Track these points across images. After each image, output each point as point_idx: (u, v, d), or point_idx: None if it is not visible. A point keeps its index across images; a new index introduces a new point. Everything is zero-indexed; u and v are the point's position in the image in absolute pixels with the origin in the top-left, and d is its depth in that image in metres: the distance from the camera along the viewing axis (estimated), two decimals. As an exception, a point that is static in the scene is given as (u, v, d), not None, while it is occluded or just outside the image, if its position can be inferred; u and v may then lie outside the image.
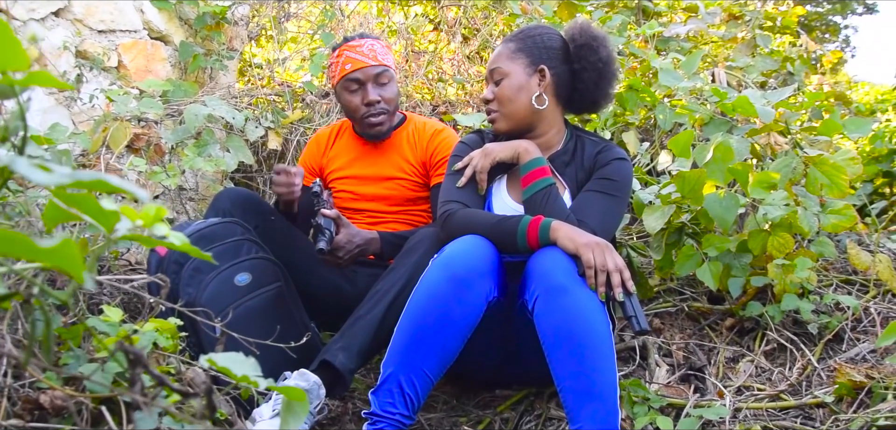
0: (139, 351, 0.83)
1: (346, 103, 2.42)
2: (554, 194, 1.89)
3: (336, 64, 2.42)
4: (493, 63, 2.10)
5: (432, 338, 1.72)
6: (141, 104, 2.95)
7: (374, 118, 2.40)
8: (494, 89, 2.07)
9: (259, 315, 2.01)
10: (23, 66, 0.63)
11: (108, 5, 3.38)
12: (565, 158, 2.06)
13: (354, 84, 2.39)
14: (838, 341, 2.26)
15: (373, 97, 2.38)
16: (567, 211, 1.88)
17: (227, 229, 2.10)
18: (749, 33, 4.47)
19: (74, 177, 0.62)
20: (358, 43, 2.43)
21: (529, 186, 1.92)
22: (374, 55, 2.41)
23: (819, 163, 2.39)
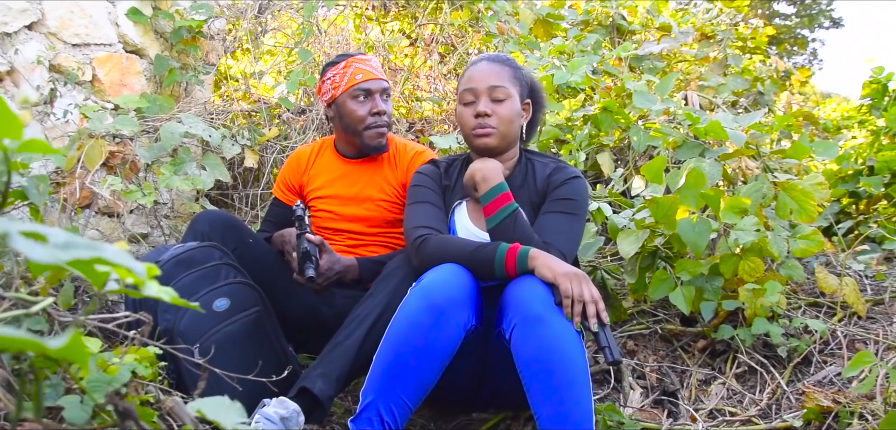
0: (129, 407, 0.84)
1: (351, 113, 2.42)
2: (520, 220, 1.93)
3: (343, 74, 2.43)
4: (495, 80, 2.07)
5: (411, 367, 1.74)
6: (116, 122, 2.93)
7: (379, 129, 2.42)
8: (494, 106, 2.06)
9: (238, 341, 2.01)
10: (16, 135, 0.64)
11: (83, 19, 3.35)
12: (518, 181, 2.10)
13: (363, 94, 2.41)
14: (807, 364, 2.31)
15: (381, 107, 2.42)
16: (533, 236, 1.91)
17: (206, 254, 2.10)
18: (721, 53, 4.54)
19: (71, 254, 0.63)
20: (365, 57, 2.49)
21: (494, 215, 1.95)
22: (380, 70, 2.48)
23: (788, 188, 2.45)
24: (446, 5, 4.24)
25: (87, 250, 0.65)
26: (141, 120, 3.27)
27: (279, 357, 2.13)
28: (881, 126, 4.17)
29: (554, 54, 3.75)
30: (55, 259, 0.61)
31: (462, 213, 2.11)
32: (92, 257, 0.63)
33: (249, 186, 3.57)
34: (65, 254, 0.62)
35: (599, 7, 4.85)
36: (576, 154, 3.02)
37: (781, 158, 2.85)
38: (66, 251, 0.64)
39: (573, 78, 3.31)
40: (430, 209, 2.07)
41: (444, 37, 4.18)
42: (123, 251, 0.68)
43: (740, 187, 2.58)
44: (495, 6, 4.19)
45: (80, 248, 0.66)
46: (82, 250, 0.65)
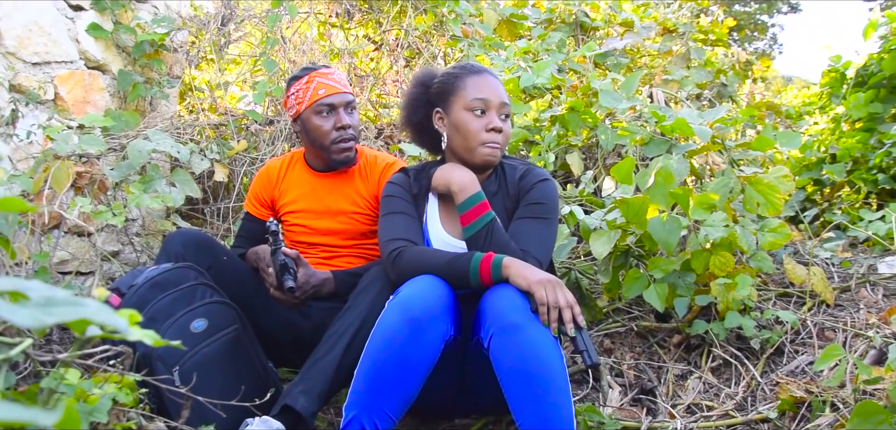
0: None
1: (316, 128, 2.41)
2: (497, 230, 1.94)
3: (306, 90, 2.41)
4: (505, 98, 2.09)
5: (392, 380, 1.75)
6: (82, 141, 2.89)
7: (345, 144, 2.41)
8: (502, 123, 2.07)
9: (217, 361, 2.01)
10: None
11: (42, 36, 3.30)
12: (492, 188, 2.11)
13: (327, 108, 2.39)
14: (779, 355, 2.36)
15: (345, 121, 2.40)
16: (509, 244, 1.93)
17: (181, 275, 2.08)
18: (683, 46, 4.60)
19: (54, 315, 0.63)
20: (328, 71, 2.45)
21: (470, 225, 1.96)
22: (344, 83, 2.45)
23: (754, 182, 2.50)
24: (410, 10, 4.24)
25: (68, 308, 0.65)
26: (107, 137, 3.23)
27: (259, 374, 2.13)
28: (841, 113, 4.26)
29: (519, 56, 3.77)
30: (39, 323, 0.60)
31: (434, 219, 2.12)
32: (75, 318, 0.63)
33: (220, 200, 3.54)
34: (48, 316, 0.62)
35: (562, 5, 4.88)
36: (545, 156, 3.05)
37: (746, 149, 2.90)
38: (49, 312, 0.64)
39: (539, 80, 3.33)
40: (404, 219, 2.07)
41: (408, 41, 4.18)
42: (104, 307, 0.68)
43: (708, 183, 2.62)
44: (459, 8, 4.19)
45: (62, 305, 0.66)
46: (64, 308, 0.65)
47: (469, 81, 2.09)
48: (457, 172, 2.02)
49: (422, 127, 2.21)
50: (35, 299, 0.67)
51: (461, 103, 2.08)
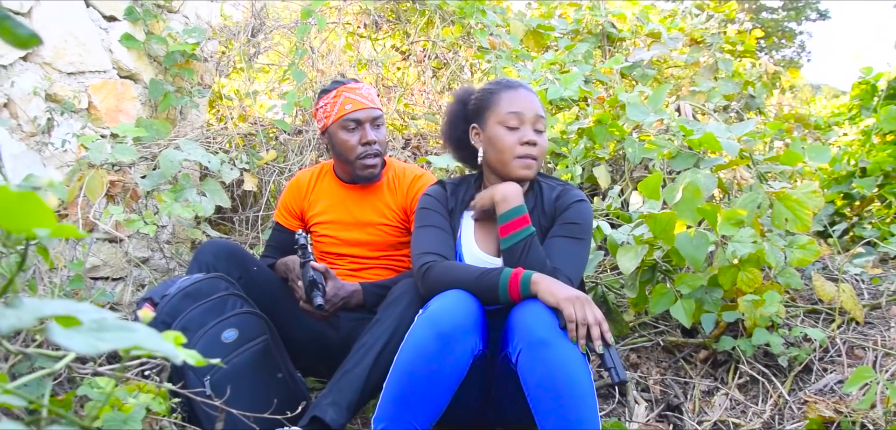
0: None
1: (342, 143, 2.45)
2: (534, 245, 1.95)
3: (333, 104, 2.44)
4: (540, 111, 2.11)
5: (421, 394, 1.77)
6: (115, 151, 2.95)
7: (370, 160, 2.44)
8: (536, 136, 2.09)
9: (247, 370, 2.04)
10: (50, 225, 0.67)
11: (77, 47, 3.37)
12: (530, 205, 2.13)
13: (353, 124, 2.42)
14: (808, 372, 2.35)
15: (371, 137, 2.42)
16: (545, 261, 1.94)
17: (212, 285, 2.12)
18: (711, 57, 4.58)
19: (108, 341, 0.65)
20: (356, 86, 2.47)
21: (509, 236, 1.97)
22: (372, 98, 2.48)
23: (783, 198, 2.48)
24: (437, 21, 4.26)
25: (120, 333, 0.68)
26: (139, 146, 3.29)
27: (288, 384, 2.16)
28: (871, 126, 4.22)
29: (546, 68, 3.78)
30: (94, 349, 0.63)
31: (468, 235, 2.14)
32: (128, 345, 0.66)
33: (249, 209, 3.59)
34: (102, 343, 0.65)
35: (589, 16, 4.88)
36: (572, 168, 3.05)
37: (775, 163, 2.89)
38: (102, 338, 0.66)
39: (567, 92, 3.34)
40: (436, 233, 2.10)
41: (436, 52, 4.21)
42: (153, 333, 0.71)
43: (736, 199, 2.61)
44: (486, 20, 4.21)
45: (114, 331, 0.69)
46: (116, 334, 0.68)
47: (503, 96, 2.11)
48: (502, 185, 2.04)
49: (460, 143, 2.24)
50: (87, 324, 0.69)
51: (495, 118, 2.10)
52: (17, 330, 0.64)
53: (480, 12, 4.18)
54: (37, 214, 0.65)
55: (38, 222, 0.66)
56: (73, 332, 0.65)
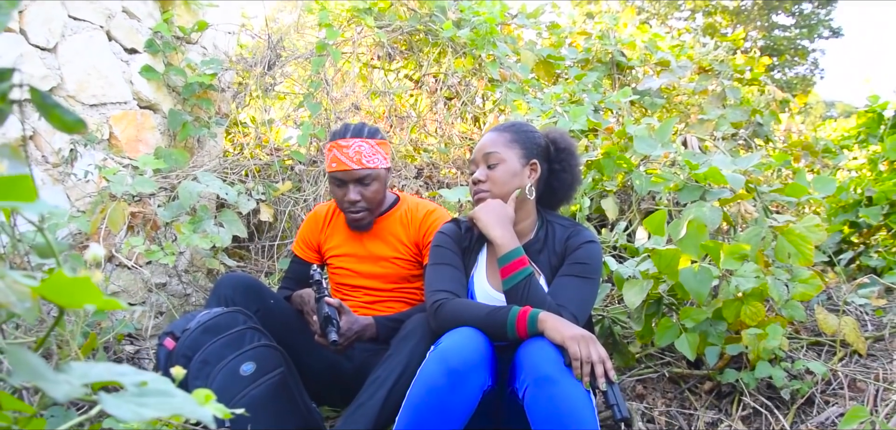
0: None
1: (333, 194, 2.57)
2: (533, 284, 2.03)
3: (327, 156, 2.54)
4: (488, 148, 2.23)
5: (432, 427, 1.84)
6: (136, 183, 3.04)
7: (354, 214, 2.53)
8: (488, 172, 2.21)
9: (264, 403, 2.11)
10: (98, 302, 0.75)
11: (99, 80, 3.47)
12: (538, 246, 2.21)
13: (336, 183, 2.52)
14: (810, 405, 2.40)
15: (353, 197, 2.49)
16: (546, 298, 2.01)
17: (231, 319, 2.20)
18: (718, 86, 4.65)
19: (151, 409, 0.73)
20: (346, 143, 2.48)
21: (509, 278, 2.05)
22: (358, 159, 2.47)
23: (786, 232, 2.54)
24: (449, 53, 4.35)
25: (161, 399, 0.76)
26: (157, 176, 3.39)
27: (304, 416, 2.23)
28: (878, 154, 4.27)
29: (555, 100, 3.86)
30: (138, 417, 0.71)
31: (481, 272, 2.23)
32: (168, 412, 0.74)
33: (265, 237, 3.67)
34: (145, 409, 0.73)
35: (599, 45, 4.96)
36: (580, 200, 3.12)
37: (780, 195, 2.94)
38: (144, 404, 0.74)
39: (576, 125, 3.41)
40: (449, 271, 2.18)
41: (447, 84, 4.29)
42: (190, 399, 0.78)
43: (740, 235, 2.67)
44: (497, 52, 4.30)
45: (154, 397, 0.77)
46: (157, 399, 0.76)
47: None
48: (497, 230, 2.11)
49: None
50: (130, 390, 0.77)
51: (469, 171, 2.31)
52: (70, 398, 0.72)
53: (491, 45, 4.26)
54: (87, 293, 0.73)
55: (87, 299, 0.74)
56: (120, 401, 0.73)
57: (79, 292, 0.73)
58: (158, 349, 2.15)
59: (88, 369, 0.79)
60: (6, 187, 0.72)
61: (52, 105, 0.89)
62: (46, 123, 0.88)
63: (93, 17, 3.46)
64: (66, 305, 0.74)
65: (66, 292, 0.73)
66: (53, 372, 0.74)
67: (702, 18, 18.96)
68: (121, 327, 2.74)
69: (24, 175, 0.73)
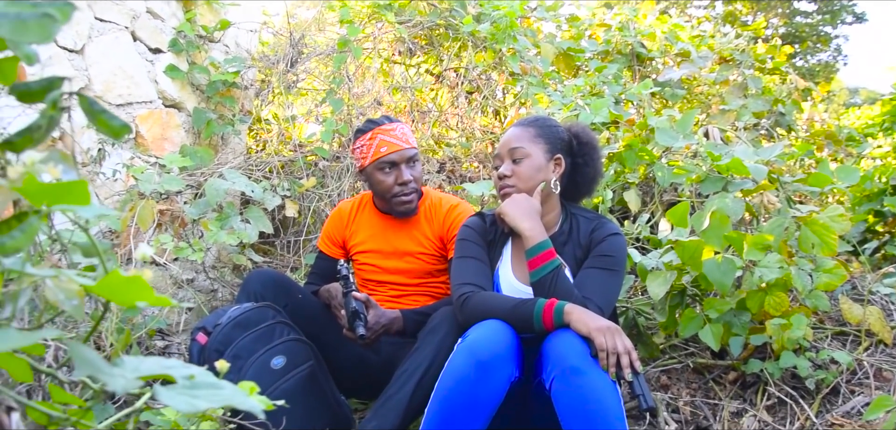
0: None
1: (379, 183, 2.57)
2: (561, 276, 2.05)
3: (369, 146, 2.56)
4: (513, 142, 2.25)
5: (460, 419, 1.87)
6: (163, 181, 3.09)
7: (406, 197, 2.55)
8: (513, 166, 2.23)
9: (294, 396, 2.15)
10: (150, 300, 0.78)
11: (126, 80, 3.53)
12: (563, 239, 2.23)
13: (389, 166, 2.54)
14: (835, 394, 2.40)
15: (406, 177, 2.54)
16: (573, 291, 2.03)
17: (261, 314, 2.24)
18: (740, 75, 4.63)
19: (203, 401, 0.76)
20: (390, 127, 2.57)
21: (537, 270, 2.07)
22: (405, 138, 2.56)
23: (810, 223, 2.54)
24: (469, 48, 4.37)
25: (211, 391, 0.79)
26: (184, 174, 3.44)
27: (333, 408, 2.27)
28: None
29: (576, 92, 3.87)
30: (192, 408, 0.74)
31: (506, 265, 2.25)
32: (220, 403, 0.77)
33: (290, 233, 3.72)
34: (198, 401, 0.76)
35: (618, 36, 4.96)
36: (603, 192, 3.13)
37: (803, 185, 2.94)
38: (196, 395, 0.78)
39: (597, 119, 3.43)
40: (475, 264, 2.21)
41: (468, 78, 4.32)
42: (238, 391, 0.82)
43: (763, 225, 2.67)
44: (517, 45, 4.31)
45: (205, 388, 0.80)
46: (207, 391, 0.79)
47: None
48: (526, 222, 2.13)
49: None
50: (181, 382, 0.81)
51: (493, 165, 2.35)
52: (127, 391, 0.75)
53: (512, 38, 4.28)
54: (139, 291, 0.77)
55: (140, 297, 0.78)
56: (173, 392, 0.77)
57: (132, 290, 0.76)
58: (191, 345, 2.20)
59: (139, 363, 0.83)
60: (63, 192, 0.76)
61: (99, 111, 0.92)
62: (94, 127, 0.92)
63: (118, 19, 3.52)
64: (119, 302, 0.78)
65: (120, 290, 0.76)
66: (109, 366, 0.77)
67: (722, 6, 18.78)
68: (153, 323, 2.79)
69: (81, 181, 0.76)
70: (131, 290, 0.76)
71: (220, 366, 1.03)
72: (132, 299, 0.78)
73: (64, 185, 0.75)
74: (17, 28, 0.71)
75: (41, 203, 0.76)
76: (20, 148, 0.89)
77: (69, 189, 0.75)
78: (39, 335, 0.72)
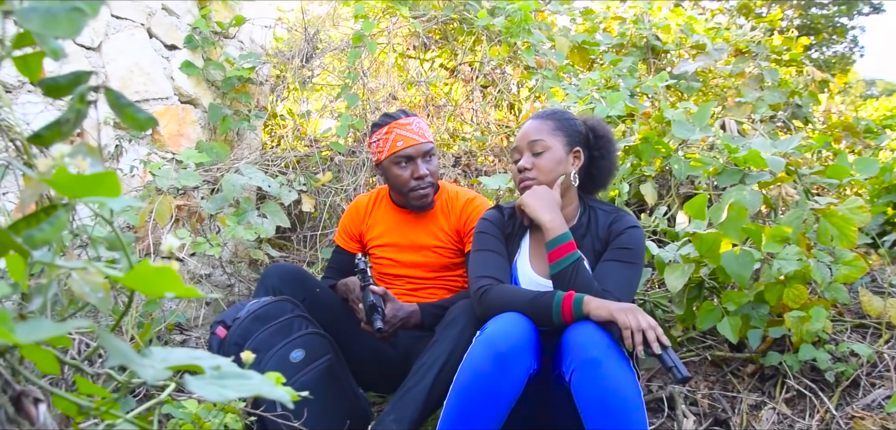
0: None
1: (395, 178, 2.57)
2: (581, 269, 2.04)
3: (385, 140, 2.56)
4: (533, 135, 2.24)
5: (479, 412, 1.87)
6: (181, 177, 3.11)
7: (422, 191, 2.56)
8: (533, 159, 2.22)
9: (313, 389, 2.14)
10: (179, 291, 0.79)
11: (142, 76, 3.55)
12: (581, 231, 2.23)
13: (405, 160, 2.55)
14: (855, 387, 2.39)
15: (422, 171, 2.54)
16: (593, 283, 2.03)
17: (279, 308, 2.25)
18: (756, 67, 4.60)
19: (232, 390, 0.77)
20: (407, 121, 2.58)
21: (557, 262, 2.07)
22: (422, 132, 2.58)
23: (829, 215, 2.53)
24: (484, 42, 4.37)
25: (240, 381, 0.80)
26: (200, 170, 3.46)
27: (351, 401, 2.28)
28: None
29: (592, 86, 3.86)
30: (222, 397, 0.75)
31: (524, 258, 2.25)
32: (249, 393, 0.78)
33: (306, 228, 3.73)
34: (227, 391, 0.77)
35: (633, 29, 4.94)
36: (619, 185, 3.13)
37: (821, 177, 2.92)
38: (226, 385, 0.78)
39: (613, 112, 3.42)
40: (493, 257, 2.21)
41: (483, 72, 4.32)
42: (267, 381, 0.82)
43: (781, 218, 2.66)
44: (532, 39, 4.30)
45: (233, 379, 0.81)
46: (236, 381, 0.80)
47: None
48: (547, 214, 2.13)
49: None
50: (209, 373, 0.81)
51: (511, 158, 2.35)
52: (157, 381, 0.76)
53: (526, 32, 4.27)
54: (169, 282, 0.78)
55: (169, 288, 0.78)
56: (203, 382, 0.77)
57: (161, 281, 0.77)
58: (210, 338, 2.21)
59: (167, 354, 0.84)
60: (93, 184, 0.77)
61: (126, 104, 0.93)
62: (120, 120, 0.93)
63: (134, 16, 3.53)
64: (148, 293, 0.79)
65: (150, 281, 0.77)
66: (140, 357, 0.78)
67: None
68: (172, 318, 2.81)
69: (110, 172, 0.77)
70: (160, 281, 0.77)
71: (246, 357, 1.04)
72: (161, 290, 0.78)
73: (94, 176, 0.75)
74: (48, 22, 0.72)
75: (72, 195, 0.77)
76: (49, 141, 0.90)
77: (99, 181, 0.75)
78: (71, 326, 0.72)
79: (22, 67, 0.97)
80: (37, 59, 0.99)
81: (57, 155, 0.85)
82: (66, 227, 0.87)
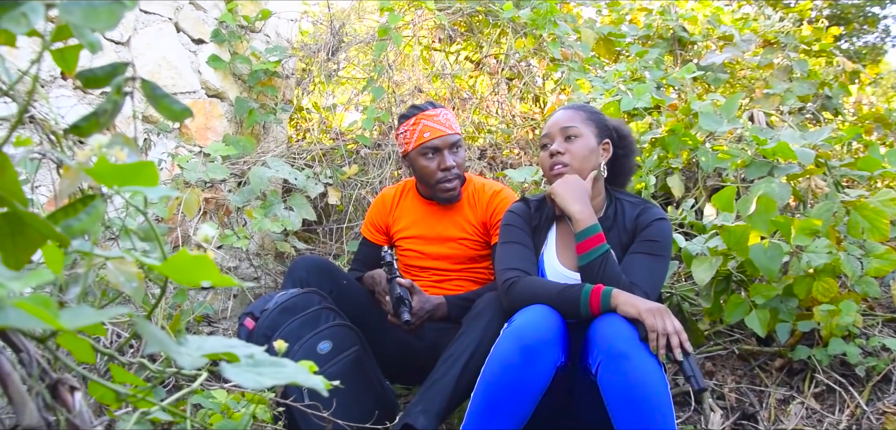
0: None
1: (422, 169, 2.59)
2: (610, 261, 2.04)
3: (412, 131, 2.58)
4: (566, 122, 2.24)
5: (507, 404, 1.87)
6: (209, 170, 3.14)
7: (449, 183, 2.57)
8: (566, 144, 2.22)
9: (341, 380, 2.17)
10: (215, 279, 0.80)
11: (170, 70, 3.59)
12: (608, 223, 2.22)
13: (432, 152, 2.55)
14: (886, 382, 2.36)
15: (449, 163, 2.55)
16: (621, 276, 2.02)
17: (307, 300, 2.27)
18: (785, 58, 4.55)
19: (268, 378, 0.78)
20: (434, 112, 2.59)
21: (586, 254, 2.06)
22: (449, 124, 2.59)
23: (859, 207, 2.49)
24: (509, 34, 4.36)
25: (275, 369, 0.81)
26: (227, 163, 3.49)
27: (378, 393, 2.29)
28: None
29: (618, 78, 3.84)
30: (258, 384, 0.76)
31: (551, 250, 2.25)
32: (284, 380, 0.79)
33: (332, 220, 3.75)
34: (262, 378, 0.78)
35: (660, 20, 4.90)
36: (646, 178, 3.11)
37: (852, 169, 2.88)
38: (261, 373, 0.80)
39: (640, 103, 3.40)
40: (519, 249, 2.21)
41: (508, 65, 4.31)
42: (301, 369, 0.83)
43: (810, 210, 2.63)
44: (558, 31, 4.28)
45: (268, 366, 0.82)
46: (271, 369, 0.81)
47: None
48: (577, 205, 2.12)
49: None
50: (244, 361, 0.82)
51: (540, 146, 2.33)
52: (194, 367, 0.77)
53: (552, 24, 4.25)
54: (206, 270, 0.79)
55: (205, 276, 0.80)
56: (239, 369, 0.78)
57: (199, 270, 0.78)
58: (239, 330, 2.23)
59: (203, 341, 0.85)
60: (132, 173, 0.78)
61: (161, 96, 0.95)
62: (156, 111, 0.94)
63: (162, 10, 3.57)
64: (185, 282, 0.80)
65: (186, 270, 0.78)
66: (177, 344, 0.79)
67: (764, -12, 18.39)
68: (200, 309, 2.84)
69: (148, 162, 0.78)
70: (198, 269, 0.78)
71: (279, 346, 1.05)
72: (198, 279, 0.79)
73: (132, 166, 0.77)
74: (89, 14, 0.73)
75: (111, 184, 0.78)
76: (86, 132, 0.91)
77: (138, 170, 0.77)
78: (110, 313, 0.74)
79: (59, 60, 0.99)
80: (74, 52, 1.00)
81: (94, 145, 0.87)
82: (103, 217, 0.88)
